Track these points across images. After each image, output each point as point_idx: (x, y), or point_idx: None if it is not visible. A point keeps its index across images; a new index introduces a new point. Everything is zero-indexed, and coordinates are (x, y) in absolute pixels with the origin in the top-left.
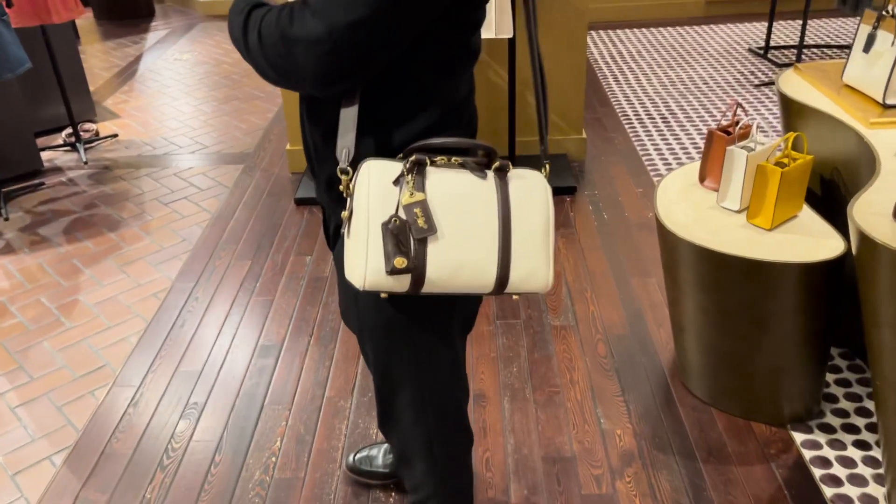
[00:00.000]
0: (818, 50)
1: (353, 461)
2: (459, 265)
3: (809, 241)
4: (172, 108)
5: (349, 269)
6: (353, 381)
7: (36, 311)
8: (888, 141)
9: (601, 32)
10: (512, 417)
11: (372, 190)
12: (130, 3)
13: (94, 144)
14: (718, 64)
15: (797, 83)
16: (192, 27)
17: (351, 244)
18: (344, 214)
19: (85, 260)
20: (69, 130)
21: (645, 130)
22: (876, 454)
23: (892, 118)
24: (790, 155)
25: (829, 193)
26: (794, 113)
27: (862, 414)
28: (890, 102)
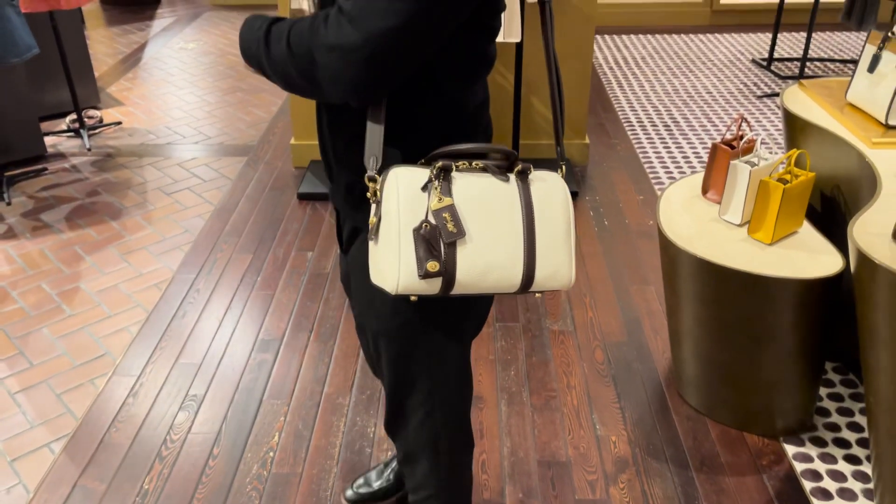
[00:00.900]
0: (821, 63)
1: (352, 493)
2: (488, 267)
3: (809, 257)
4: (176, 97)
5: (379, 274)
6: (352, 378)
7: (36, 297)
8: (890, 161)
9: (606, 37)
10: (509, 421)
11: (402, 196)
12: None
13: (97, 131)
14: (722, 74)
15: (801, 99)
16: (198, 16)
17: (381, 250)
18: (372, 220)
19: (86, 247)
20: (73, 116)
21: (647, 137)
22: (866, 469)
23: (894, 138)
24: (793, 171)
25: (829, 210)
26: (797, 129)
27: (853, 429)
28: (893, 123)
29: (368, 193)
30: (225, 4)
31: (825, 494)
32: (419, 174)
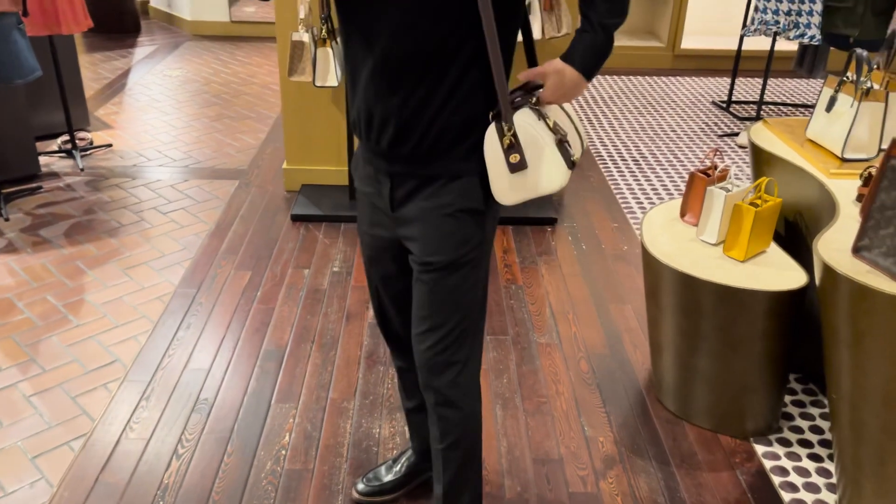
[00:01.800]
0: (776, 107)
1: (362, 487)
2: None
3: (777, 273)
4: (164, 122)
5: (547, 183)
6: (355, 385)
7: (43, 307)
8: (846, 189)
9: None
10: (504, 423)
11: (538, 129)
12: (116, 17)
13: (88, 153)
14: (685, 114)
15: (766, 135)
16: (178, 45)
17: (540, 166)
18: (515, 157)
19: (88, 262)
20: (65, 137)
21: (618, 170)
22: (827, 466)
23: (849, 170)
24: (762, 197)
25: (792, 233)
26: (763, 161)
27: (815, 431)
28: (848, 157)
29: (505, 139)
30: (205, 34)
31: (792, 487)
32: (526, 114)
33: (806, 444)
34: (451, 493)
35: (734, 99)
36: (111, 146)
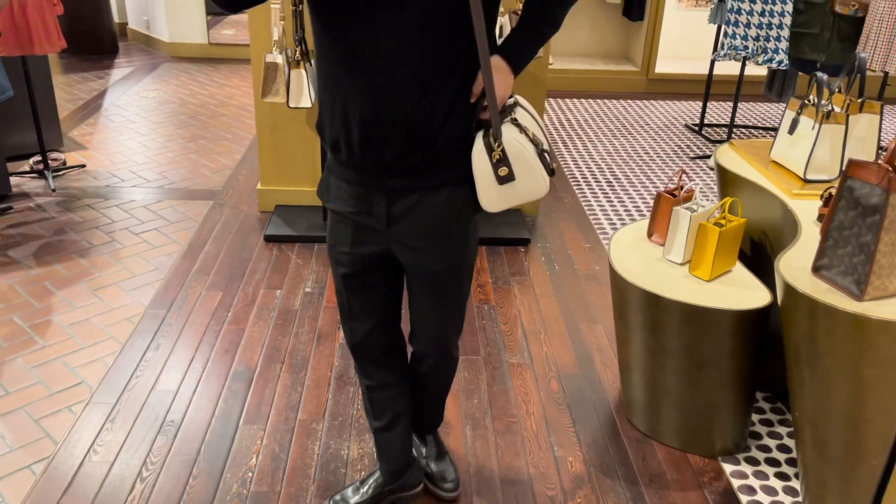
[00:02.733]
0: (746, 130)
1: None
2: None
3: (741, 292)
4: (139, 143)
5: (523, 194)
6: (324, 405)
7: (9, 329)
8: (808, 210)
9: (552, 100)
10: (473, 443)
11: (523, 142)
12: (94, 39)
13: (61, 173)
14: (658, 136)
15: (732, 156)
16: (156, 66)
17: (526, 177)
18: (504, 170)
19: (56, 283)
20: (37, 158)
21: (591, 192)
22: (794, 485)
23: (811, 190)
24: (727, 217)
25: (757, 253)
26: (728, 182)
27: (782, 450)
28: (810, 178)
29: (494, 154)
30: (183, 56)
31: None
32: (509, 129)
33: (773, 462)
34: (440, 408)
35: (706, 122)
36: (84, 167)
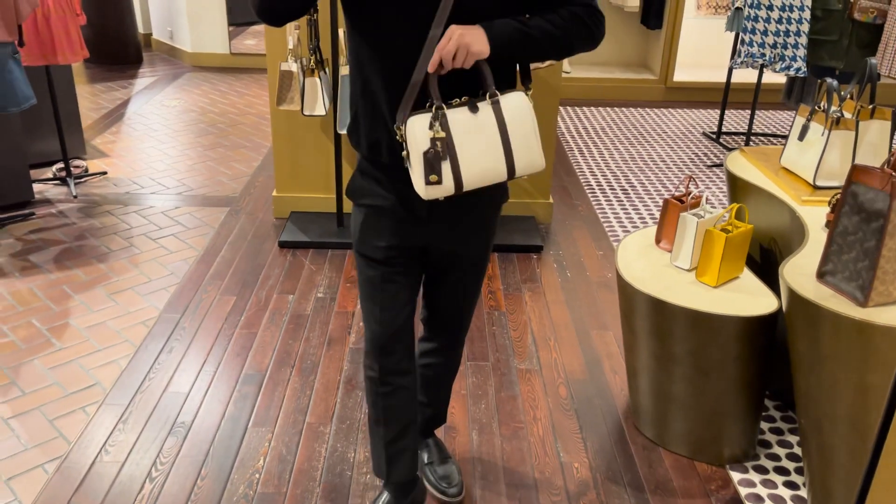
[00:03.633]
0: (764, 138)
1: None
2: (482, 170)
3: (749, 298)
4: (159, 150)
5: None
6: (332, 409)
7: (27, 331)
8: (817, 216)
9: (569, 108)
10: (479, 448)
11: (418, 138)
12: (120, 49)
13: (83, 180)
14: (675, 144)
15: (742, 163)
16: (178, 76)
17: (414, 169)
18: (405, 154)
19: (75, 287)
20: (60, 165)
21: (606, 199)
22: (803, 494)
23: (820, 197)
24: (734, 223)
25: (765, 259)
26: (738, 188)
27: (792, 459)
28: (819, 184)
29: (399, 135)
30: (205, 66)
31: None
32: (426, 118)
33: (782, 471)
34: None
35: (724, 130)
36: (106, 174)
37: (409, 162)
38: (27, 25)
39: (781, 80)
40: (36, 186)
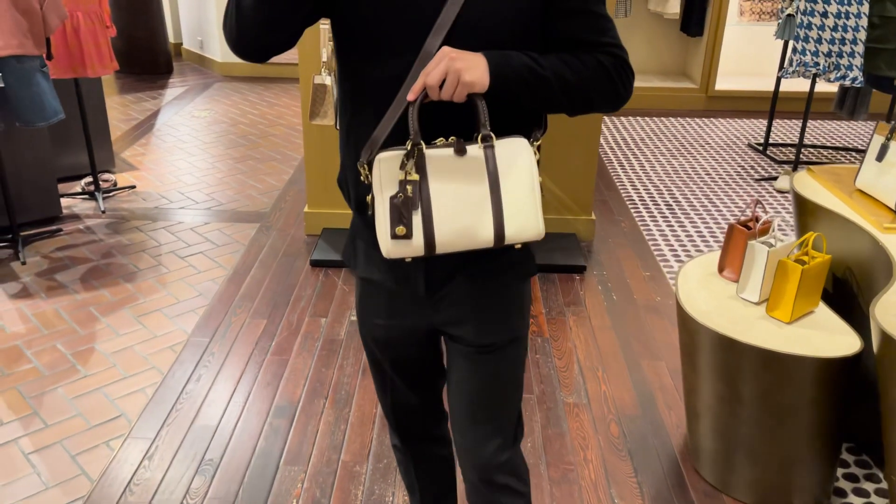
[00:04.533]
0: (815, 150)
1: None
2: (461, 229)
3: (827, 336)
4: (189, 163)
5: (380, 244)
6: (368, 446)
7: (51, 356)
8: None
9: (606, 119)
10: None
11: (384, 176)
12: (150, 59)
13: (112, 194)
14: (719, 156)
15: (811, 184)
16: (208, 86)
17: (378, 210)
18: (368, 199)
19: (101, 308)
20: (88, 179)
21: (650, 215)
22: None
23: None
24: (809, 253)
25: (841, 292)
26: (808, 212)
27: None
28: None
29: (364, 174)
30: (235, 76)
31: None
32: (398, 155)
33: None
34: None
35: (771, 141)
36: (135, 188)
37: (372, 209)
38: (56, 38)
39: (832, 88)
40: (64, 201)
